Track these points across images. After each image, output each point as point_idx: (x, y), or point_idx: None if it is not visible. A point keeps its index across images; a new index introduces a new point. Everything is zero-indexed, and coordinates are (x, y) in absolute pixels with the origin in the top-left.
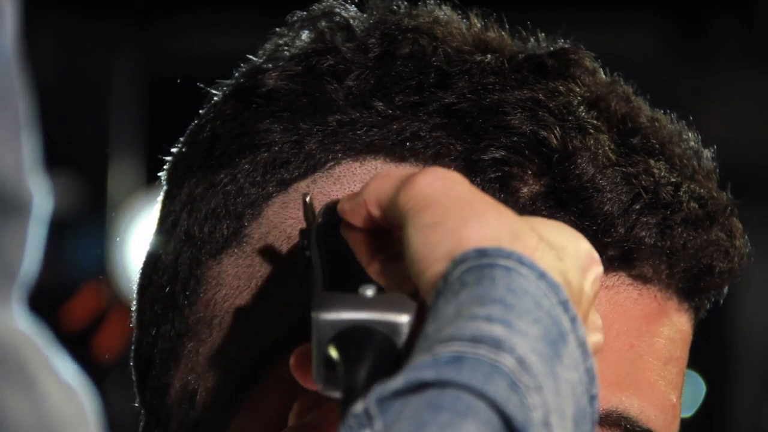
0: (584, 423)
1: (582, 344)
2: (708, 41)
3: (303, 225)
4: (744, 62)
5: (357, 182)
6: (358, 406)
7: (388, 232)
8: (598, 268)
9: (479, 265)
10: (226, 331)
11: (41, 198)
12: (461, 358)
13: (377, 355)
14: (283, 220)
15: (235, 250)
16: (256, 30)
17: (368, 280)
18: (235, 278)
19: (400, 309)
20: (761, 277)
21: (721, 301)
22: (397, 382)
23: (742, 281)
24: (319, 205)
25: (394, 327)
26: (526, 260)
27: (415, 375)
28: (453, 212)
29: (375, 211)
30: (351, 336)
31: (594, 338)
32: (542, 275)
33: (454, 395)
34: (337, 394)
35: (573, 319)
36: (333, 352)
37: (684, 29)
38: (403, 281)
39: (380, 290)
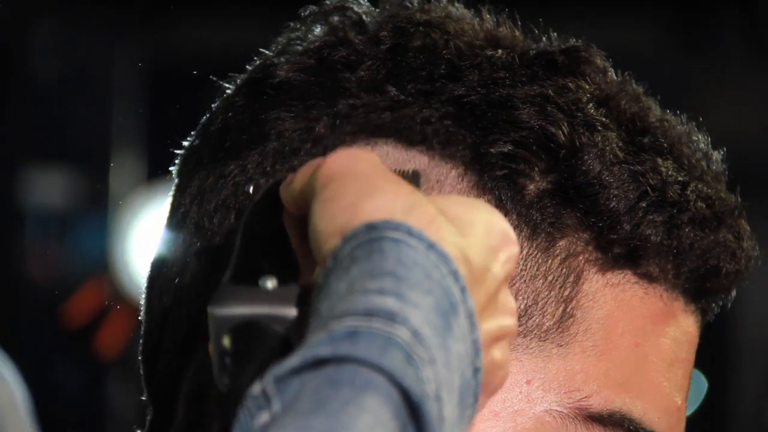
0: (468, 396)
1: (470, 315)
2: (711, 35)
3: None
4: (748, 56)
5: None
6: (256, 388)
7: None
8: (512, 248)
9: (369, 239)
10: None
11: None
12: (356, 333)
13: (267, 352)
14: None
15: None
16: (259, 24)
17: (273, 269)
18: None
19: (292, 301)
20: (763, 274)
21: (729, 305)
22: (293, 360)
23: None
24: None
25: (284, 321)
26: (414, 231)
27: (311, 352)
28: (351, 188)
29: (299, 197)
30: (243, 331)
31: (503, 321)
32: (431, 246)
33: (351, 370)
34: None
35: (463, 290)
36: (227, 349)
37: (687, 23)
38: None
39: (283, 281)
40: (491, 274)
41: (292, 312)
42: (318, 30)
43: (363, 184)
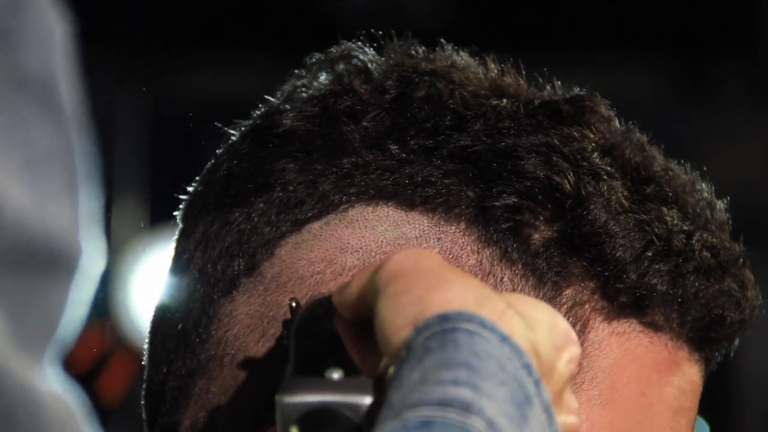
0: None
1: (547, 408)
2: (712, 83)
3: (312, 271)
4: (749, 102)
5: (369, 227)
6: None
7: (370, 319)
8: (575, 349)
9: (442, 330)
10: (236, 370)
11: (93, 255)
12: (430, 423)
13: None
14: (295, 260)
15: (248, 289)
16: (261, 71)
17: (337, 365)
18: (247, 317)
19: (363, 391)
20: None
21: (732, 353)
22: None
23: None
24: (324, 251)
25: (356, 408)
26: (488, 323)
27: None
28: (420, 281)
29: (357, 302)
30: (313, 418)
31: (568, 419)
32: (504, 338)
33: None
34: None
35: (537, 383)
36: None
37: (688, 70)
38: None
39: (349, 374)
40: (557, 372)
41: (364, 400)
42: (323, 77)
43: (432, 277)
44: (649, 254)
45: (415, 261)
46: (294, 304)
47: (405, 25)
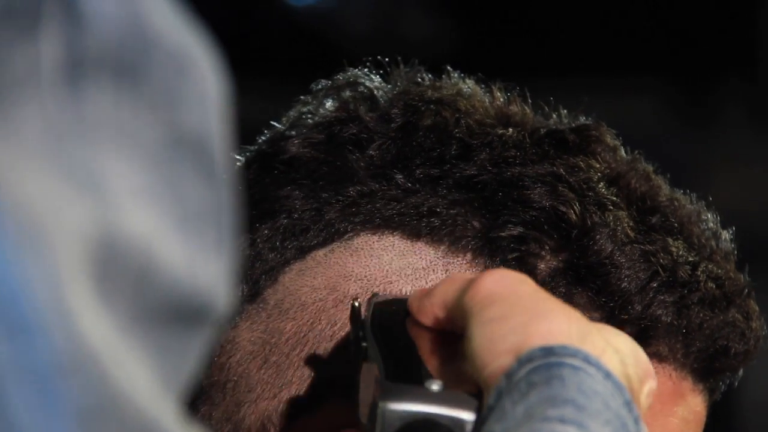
0: None
1: None
2: (713, 107)
3: (315, 298)
4: (750, 127)
5: (374, 256)
6: None
7: (451, 332)
8: (653, 382)
9: (547, 364)
10: (239, 396)
11: (228, 306)
12: None
13: None
14: (298, 287)
15: (251, 315)
16: (264, 97)
17: (431, 375)
18: (250, 343)
19: (466, 406)
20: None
21: (736, 384)
22: None
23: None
24: (328, 279)
25: (460, 424)
26: (592, 359)
27: None
28: (519, 308)
29: (441, 313)
30: (415, 428)
31: None
32: (608, 375)
33: None
34: None
35: (636, 420)
36: None
37: (689, 96)
38: (462, 381)
39: (444, 386)
40: (640, 405)
41: (469, 416)
42: (329, 104)
43: (532, 306)
44: (654, 285)
45: (509, 286)
46: (357, 304)
47: (407, 50)
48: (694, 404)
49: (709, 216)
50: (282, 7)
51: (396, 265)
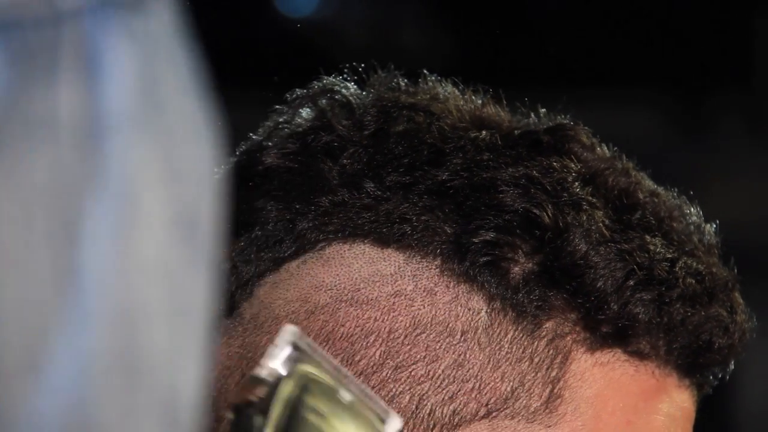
0: None
1: None
2: (708, 118)
3: (288, 310)
4: (746, 138)
5: (344, 264)
6: None
7: None
8: None
9: None
10: (216, 413)
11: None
12: None
13: None
14: (272, 300)
15: (228, 330)
16: (260, 109)
17: None
18: (227, 358)
19: None
20: (762, 348)
21: (727, 377)
22: None
23: (746, 356)
24: (300, 290)
25: None
26: None
27: None
28: None
29: None
30: None
31: None
32: None
33: None
34: None
35: None
36: None
37: (684, 106)
38: None
39: None
40: None
41: None
42: (305, 113)
43: None
44: (631, 284)
45: None
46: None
47: (404, 61)
48: (680, 400)
49: (692, 209)
50: (278, 17)
51: (365, 272)
